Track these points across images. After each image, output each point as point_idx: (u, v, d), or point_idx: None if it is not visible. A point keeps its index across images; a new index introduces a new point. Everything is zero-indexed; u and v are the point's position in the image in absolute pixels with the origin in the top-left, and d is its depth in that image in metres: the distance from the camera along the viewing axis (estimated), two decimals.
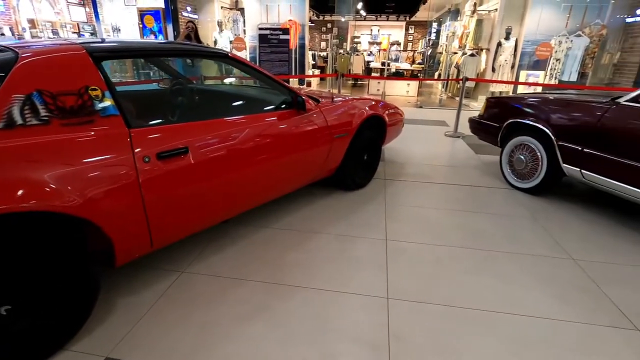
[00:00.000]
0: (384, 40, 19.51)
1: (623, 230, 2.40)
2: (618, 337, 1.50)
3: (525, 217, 2.57)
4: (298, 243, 2.15)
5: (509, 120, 3.07)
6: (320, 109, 2.37)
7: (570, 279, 1.87)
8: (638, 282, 1.86)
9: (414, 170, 3.56)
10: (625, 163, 2.20)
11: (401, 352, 1.40)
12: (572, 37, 7.03)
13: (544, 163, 2.79)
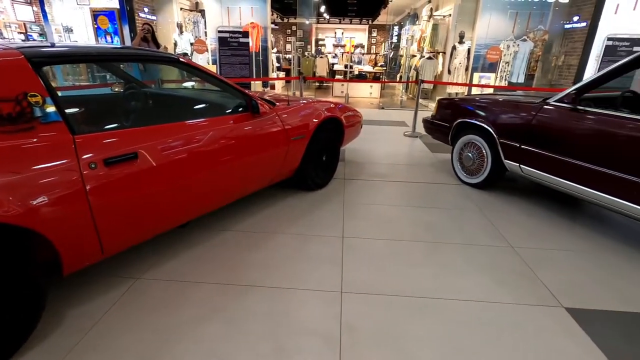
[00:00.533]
0: (348, 43, 19.92)
1: (557, 219, 2.64)
2: (545, 313, 1.67)
3: (472, 210, 2.76)
4: (256, 244, 2.19)
5: (457, 120, 3.27)
6: (276, 112, 2.42)
7: (508, 265, 2.05)
8: (565, 264, 2.06)
9: (373, 169, 3.70)
10: (555, 157, 2.43)
11: (352, 341, 1.48)
12: (519, 41, 7.54)
13: (489, 159, 3.00)
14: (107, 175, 1.44)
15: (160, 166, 1.64)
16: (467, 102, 3.23)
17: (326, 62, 11.63)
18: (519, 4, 7.50)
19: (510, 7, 7.48)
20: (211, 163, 1.90)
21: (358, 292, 1.78)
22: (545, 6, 7.54)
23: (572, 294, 1.81)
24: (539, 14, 7.58)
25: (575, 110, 2.35)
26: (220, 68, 5.73)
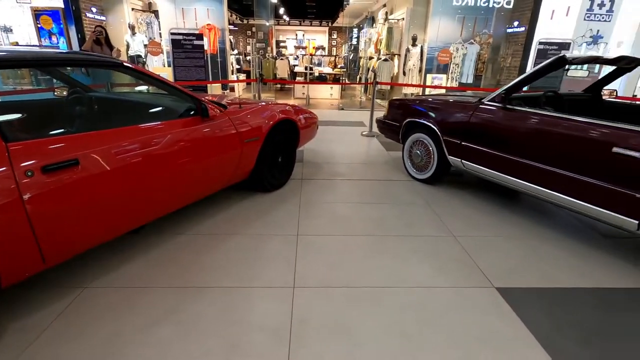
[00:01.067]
0: (309, 45, 20.09)
1: (496, 210, 2.87)
2: (480, 294, 1.84)
3: (420, 205, 2.93)
4: (211, 246, 2.21)
5: (407, 120, 3.45)
6: (228, 115, 2.45)
7: (449, 253, 2.22)
8: (499, 249, 2.27)
9: (330, 169, 3.81)
10: (489, 152, 2.65)
11: (302, 333, 1.55)
12: (466, 44, 8.02)
13: (435, 156, 3.21)
14: (45, 183, 1.42)
15: (103, 172, 1.63)
16: (415, 102, 3.42)
17: (287, 63, 11.67)
18: (466, 9, 7.97)
19: (458, 12, 7.93)
20: (159, 168, 1.90)
21: (310, 286, 1.86)
22: (489, 11, 8.07)
23: (503, 275, 2.00)
24: (484, 19, 8.10)
25: (505, 109, 2.59)
26: (175, 71, 5.62)
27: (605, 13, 7.54)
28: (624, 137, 1.94)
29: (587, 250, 2.29)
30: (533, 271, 2.05)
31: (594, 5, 7.44)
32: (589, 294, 1.87)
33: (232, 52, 12.33)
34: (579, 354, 1.48)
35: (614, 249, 2.32)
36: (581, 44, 7.82)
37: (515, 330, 1.60)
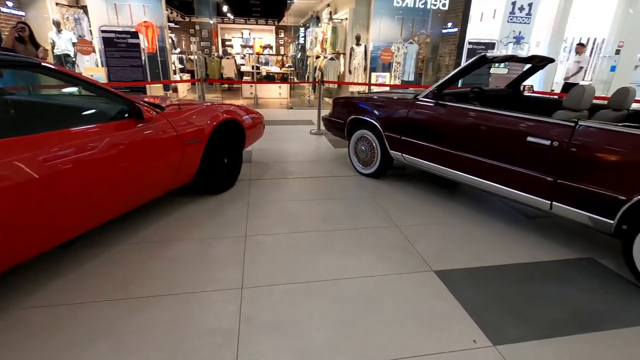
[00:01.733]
0: (257, 44, 19.80)
1: (436, 199, 3.07)
2: (419, 278, 1.96)
3: (366, 198, 3.05)
4: (155, 254, 2.12)
5: (351, 117, 3.56)
6: (166, 117, 2.36)
7: (392, 242, 2.34)
8: (437, 236, 2.44)
9: (279, 168, 3.81)
10: (425, 145, 2.83)
11: (250, 332, 1.56)
12: (406, 44, 8.43)
13: (379, 151, 3.35)
14: None
15: (21, 182, 1.50)
16: (358, 100, 3.54)
17: (233, 63, 11.41)
18: (405, 10, 8.35)
19: (399, 13, 8.29)
20: (87, 176, 1.78)
21: (258, 285, 1.87)
22: (426, 13, 8.54)
23: (440, 259, 2.16)
24: (421, 20, 8.56)
25: (437, 104, 2.78)
26: (109, 71, 5.25)
27: (525, 16, 8.32)
28: (535, 127, 2.18)
29: (513, 231, 2.54)
30: (467, 253, 2.23)
31: (516, 9, 8.18)
32: (513, 269, 2.08)
33: (174, 51, 11.80)
34: (504, 322, 1.64)
35: (535, 228, 2.59)
36: (507, 44, 8.57)
37: (450, 307, 1.74)
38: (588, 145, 1.95)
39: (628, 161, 1.82)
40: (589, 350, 1.51)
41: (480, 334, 1.57)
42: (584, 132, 1.98)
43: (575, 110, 2.26)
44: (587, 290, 1.91)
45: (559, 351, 1.49)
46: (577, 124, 2.01)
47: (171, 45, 13.21)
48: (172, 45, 13.18)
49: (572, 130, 2.02)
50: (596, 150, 1.92)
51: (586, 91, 2.23)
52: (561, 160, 2.06)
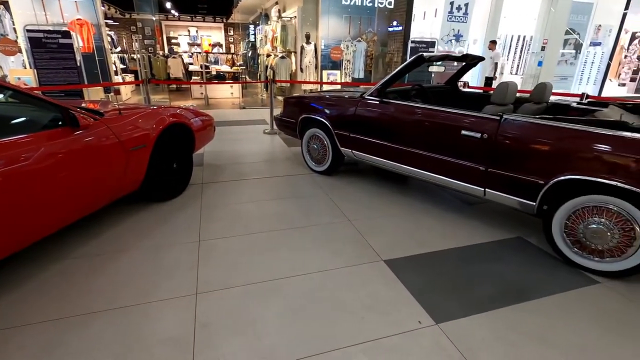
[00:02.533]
0: (205, 42, 19.15)
1: (386, 192, 3.23)
2: (372, 269, 2.07)
3: (320, 195, 3.13)
4: (101, 267, 2.03)
5: (302, 116, 3.61)
6: (106, 123, 2.25)
7: (345, 236, 2.43)
8: (388, 227, 2.57)
9: (233, 169, 3.77)
10: (372, 141, 2.97)
11: (205, 337, 1.56)
12: (355, 42, 8.64)
13: (330, 149, 3.44)
14: None
15: None
16: (309, 99, 3.59)
17: (180, 62, 10.97)
18: (352, 9, 8.55)
19: (345, 12, 8.47)
20: (16, 191, 1.66)
21: (213, 290, 1.87)
22: (373, 11, 8.81)
23: (390, 249, 2.29)
24: (368, 18, 8.81)
25: (381, 102, 2.92)
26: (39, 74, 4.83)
27: (462, 15, 8.88)
28: (468, 121, 2.38)
29: (455, 217, 2.75)
30: (413, 241, 2.39)
31: (454, 9, 8.70)
32: (453, 252, 2.26)
33: (115, 51, 11.10)
34: (445, 301, 1.80)
35: (474, 214, 2.82)
36: (447, 42, 9.09)
37: (397, 293, 1.86)
38: (511, 137, 2.17)
39: (544, 149, 2.05)
40: (519, 318, 1.70)
41: (425, 315, 1.70)
42: (508, 124, 2.20)
43: (502, 105, 2.50)
44: (516, 266, 2.13)
45: (494, 322, 1.67)
46: (502, 117, 2.23)
47: (110, 44, 12.43)
48: (112, 44, 12.39)
49: (498, 123, 2.23)
50: (518, 140, 2.15)
51: (509, 87, 2.47)
52: (490, 151, 2.27)
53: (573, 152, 1.94)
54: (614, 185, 1.81)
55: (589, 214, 1.97)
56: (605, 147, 1.84)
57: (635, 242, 1.85)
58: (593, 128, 1.91)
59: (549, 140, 2.03)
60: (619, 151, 1.80)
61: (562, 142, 1.98)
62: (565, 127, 1.99)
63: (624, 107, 2.60)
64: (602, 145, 1.86)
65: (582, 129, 1.94)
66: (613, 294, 1.89)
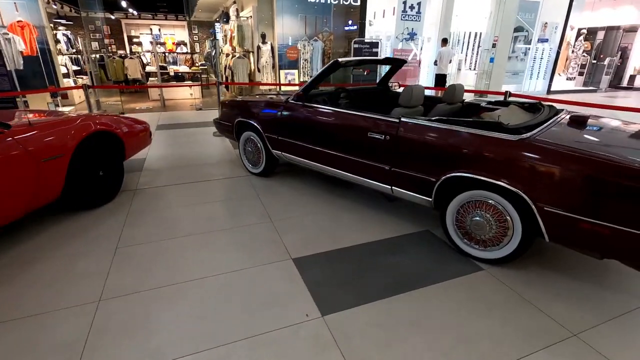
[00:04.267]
0: (169, 41, 18.72)
1: (316, 192, 3.35)
2: (279, 268, 2.18)
3: (252, 197, 3.22)
4: (9, 277, 2.04)
5: (237, 119, 3.68)
6: (12, 135, 2.25)
7: (264, 236, 2.54)
8: (306, 225, 2.70)
9: (172, 173, 3.80)
10: (297, 144, 3.08)
11: (97, 341, 1.62)
12: (312, 41, 8.73)
13: (263, 151, 3.53)
14: None
15: None
16: (242, 103, 3.66)
17: (138, 63, 10.73)
18: (307, 9, 8.63)
19: (300, 12, 8.54)
20: None
21: (118, 295, 1.93)
22: (327, 11, 8.92)
23: (303, 247, 2.41)
24: (324, 18, 8.92)
25: (303, 105, 3.03)
26: None
27: (415, 14, 9.14)
28: (373, 124, 2.53)
29: (374, 213, 2.90)
30: (329, 238, 2.52)
31: (407, 8, 8.94)
32: (363, 247, 2.41)
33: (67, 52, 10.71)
34: (337, 295, 1.93)
35: (392, 209, 2.99)
36: (402, 40, 9.35)
37: (295, 289, 1.98)
38: (408, 138, 2.34)
39: (434, 149, 2.22)
40: (400, 306, 1.86)
41: (314, 308, 1.83)
42: (405, 126, 2.36)
43: (409, 107, 2.66)
44: (415, 257, 2.30)
45: (376, 311, 1.82)
46: (400, 120, 2.39)
47: (67, 44, 11.99)
48: (68, 44, 11.96)
49: (397, 125, 2.39)
50: (413, 141, 2.31)
51: (414, 90, 2.63)
52: (392, 151, 2.42)
53: (456, 151, 2.12)
54: (486, 181, 2.00)
55: (472, 208, 2.16)
56: (480, 147, 2.03)
57: (508, 232, 2.05)
58: (468, 129, 2.09)
59: (437, 141, 2.20)
60: (490, 150, 1.99)
61: (447, 142, 2.16)
62: (447, 129, 2.17)
63: (522, 106, 2.82)
64: (477, 144, 2.04)
65: (458, 129, 2.13)
66: (490, 279, 2.08)
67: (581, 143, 1.86)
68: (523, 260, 2.26)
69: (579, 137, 2.03)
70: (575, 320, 1.78)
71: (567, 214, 1.77)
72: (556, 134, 1.98)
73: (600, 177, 1.66)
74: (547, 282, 2.06)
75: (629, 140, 2.07)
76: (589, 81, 13.76)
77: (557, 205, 1.80)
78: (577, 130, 2.17)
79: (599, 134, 2.11)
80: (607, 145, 1.89)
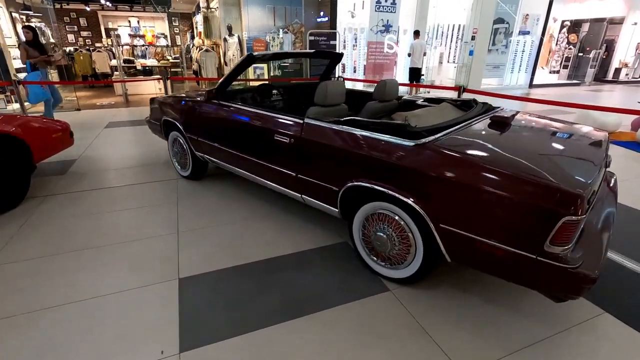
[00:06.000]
0: (148, 33, 18.20)
1: (242, 199, 3.09)
2: (159, 290, 1.93)
3: (171, 203, 2.95)
4: None
5: (163, 118, 3.40)
6: None
7: (161, 252, 2.28)
8: (213, 237, 2.44)
9: (99, 177, 3.52)
10: (215, 146, 2.82)
11: None
12: (281, 33, 8.41)
13: (189, 153, 3.26)
14: None
15: None
16: (167, 100, 3.38)
17: (106, 56, 10.34)
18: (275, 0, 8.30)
19: (268, 3, 8.20)
20: None
21: None
22: (298, 2, 8.58)
23: (199, 263, 2.16)
24: (293, 9, 8.59)
25: (219, 104, 2.76)
26: None
27: (390, 5, 8.83)
28: (280, 125, 2.27)
29: (294, 223, 2.64)
30: (234, 252, 2.27)
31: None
32: (266, 263, 2.17)
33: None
34: (211, 324, 1.69)
35: (313, 218, 2.74)
36: (377, 32, 9.04)
37: (167, 319, 1.73)
38: (311, 141, 2.08)
39: (335, 154, 1.97)
40: (282, 336, 1.62)
41: (175, 343, 1.59)
42: (308, 128, 2.10)
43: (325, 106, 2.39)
44: (322, 274, 2.06)
45: (250, 344, 1.58)
46: (304, 121, 2.13)
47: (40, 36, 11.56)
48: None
49: (301, 127, 2.13)
50: (315, 145, 2.06)
51: (329, 86, 2.36)
52: (296, 156, 2.17)
53: (355, 158, 1.87)
54: (384, 192, 1.75)
55: (376, 221, 1.92)
56: (377, 153, 1.78)
57: (411, 250, 1.81)
58: (367, 132, 1.84)
59: (337, 145, 1.95)
60: (387, 157, 1.74)
61: (346, 146, 1.91)
62: (347, 132, 1.92)
63: (455, 103, 2.57)
64: (375, 150, 1.79)
65: (356, 133, 1.87)
66: (393, 302, 1.85)
67: (484, 150, 1.61)
68: (436, 278, 2.03)
69: (488, 142, 1.76)
70: (473, 354, 1.55)
71: (463, 233, 1.54)
72: (461, 139, 1.74)
73: (494, 191, 1.42)
74: (454, 306, 1.83)
75: (546, 146, 1.81)
76: (573, 74, 13.54)
77: (452, 222, 1.56)
78: (493, 133, 1.92)
79: (514, 139, 1.86)
80: (515, 153, 1.64)
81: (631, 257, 2.24)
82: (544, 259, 1.35)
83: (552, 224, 1.30)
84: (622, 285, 2.00)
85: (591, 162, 1.59)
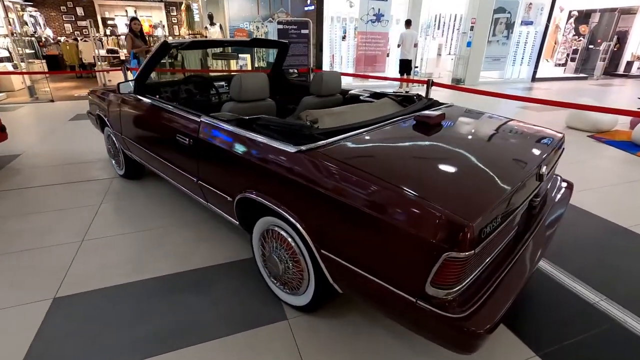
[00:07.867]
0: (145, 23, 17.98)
1: (174, 202, 2.83)
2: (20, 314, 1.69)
3: (93, 206, 2.71)
4: None
5: (97, 112, 3.15)
6: None
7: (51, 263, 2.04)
8: (118, 248, 2.19)
9: (33, 174, 3.30)
10: (134, 144, 2.55)
11: None
12: (266, 22, 8.06)
13: (120, 149, 3.00)
14: None
15: None
16: (99, 93, 3.11)
17: (92, 46, 10.12)
18: None
19: None
20: None
21: None
22: None
23: (89, 278, 1.91)
24: None
25: (135, 99, 2.48)
26: None
27: None
28: (180, 123, 1.98)
29: (217, 232, 2.38)
30: (134, 266, 2.01)
31: None
32: (165, 279, 1.91)
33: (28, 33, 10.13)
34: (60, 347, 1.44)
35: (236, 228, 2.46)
36: (367, 22, 8.63)
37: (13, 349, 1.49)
38: (206, 142, 1.79)
39: (227, 158, 1.68)
40: None
41: None
42: (204, 128, 1.81)
43: (242, 102, 2.10)
44: (219, 297, 1.79)
45: None
46: (200, 119, 1.84)
47: (34, 25, 11.51)
48: (35, 25, 11.50)
49: (198, 126, 1.85)
50: (210, 147, 1.77)
51: (244, 79, 2.07)
52: (194, 158, 1.89)
53: (244, 164, 1.58)
54: (270, 206, 1.46)
55: (271, 239, 1.63)
56: (263, 159, 1.48)
57: (304, 275, 1.52)
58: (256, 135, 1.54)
59: (228, 149, 1.66)
60: (271, 164, 1.44)
61: (237, 151, 1.62)
62: (239, 134, 1.62)
63: (396, 99, 2.25)
64: (262, 156, 1.49)
65: (247, 134, 1.58)
66: (284, 334, 1.57)
67: (375, 161, 1.30)
68: (347, 305, 1.74)
69: (387, 150, 1.42)
70: None
71: (343, 262, 1.24)
72: (355, 146, 1.41)
73: (371, 213, 1.11)
74: (360, 339, 1.54)
75: (460, 156, 1.41)
76: (581, 68, 12.89)
77: (332, 249, 1.27)
78: (405, 137, 1.59)
79: (423, 146, 1.51)
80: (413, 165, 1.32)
81: (619, 304, 1.90)
82: (424, 304, 1.05)
83: (434, 261, 1.00)
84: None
85: (511, 177, 1.26)
